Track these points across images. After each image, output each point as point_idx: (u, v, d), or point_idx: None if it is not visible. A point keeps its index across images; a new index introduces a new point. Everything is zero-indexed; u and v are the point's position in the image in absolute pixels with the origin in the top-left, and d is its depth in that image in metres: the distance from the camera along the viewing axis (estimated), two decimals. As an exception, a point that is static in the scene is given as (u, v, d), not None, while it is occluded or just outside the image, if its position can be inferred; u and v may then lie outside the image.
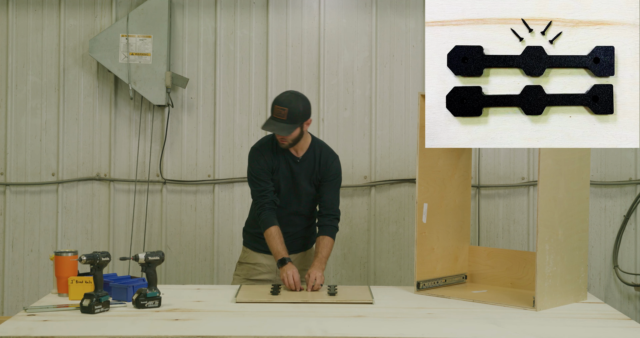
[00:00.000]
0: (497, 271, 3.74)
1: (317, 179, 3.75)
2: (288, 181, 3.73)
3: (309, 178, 3.74)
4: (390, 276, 4.97)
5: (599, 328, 2.93)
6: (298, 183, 3.73)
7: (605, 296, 4.95)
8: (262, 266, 3.82)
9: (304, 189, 3.74)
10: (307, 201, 3.78)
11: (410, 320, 2.99)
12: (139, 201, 4.93)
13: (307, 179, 3.73)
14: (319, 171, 3.74)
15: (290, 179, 3.73)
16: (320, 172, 3.74)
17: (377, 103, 4.96)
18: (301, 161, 3.73)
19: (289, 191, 3.74)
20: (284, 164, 3.72)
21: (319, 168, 3.73)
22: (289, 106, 3.54)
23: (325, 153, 3.77)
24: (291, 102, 3.56)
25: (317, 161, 3.74)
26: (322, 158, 3.74)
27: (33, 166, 4.95)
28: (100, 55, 4.77)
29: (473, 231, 4.92)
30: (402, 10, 4.96)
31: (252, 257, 3.85)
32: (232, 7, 4.95)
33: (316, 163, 3.74)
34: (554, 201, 3.24)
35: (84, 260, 3.08)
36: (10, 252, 4.96)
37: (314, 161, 3.74)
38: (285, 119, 3.54)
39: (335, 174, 3.77)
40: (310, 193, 3.76)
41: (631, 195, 4.96)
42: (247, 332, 2.78)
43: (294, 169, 3.72)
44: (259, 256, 3.83)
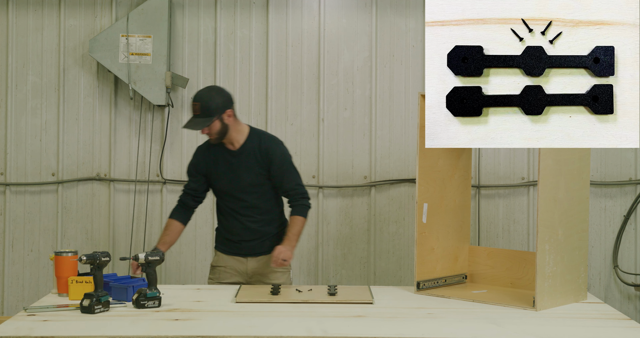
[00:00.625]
0: (497, 271, 3.74)
1: (263, 168, 3.69)
2: (228, 174, 3.70)
3: (253, 169, 3.69)
4: (390, 276, 4.97)
5: (599, 328, 2.93)
6: (239, 175, 3.69)
7: (605, 296, 4.95)
8: (231, 268, 3.80)
9: (248, 181, 3.69)
10: (257, 192, 3.72)
11: (410, 320, 2.99)
12: (139, 201, 4.93)
13: (249, 170, 3.69)
14: (263, 160, 3.68)
15: (230, 173, 3.70)
16: (265, 160, 3.68)
17: (377, 103, 4.96)
18: (239, 154, 3.69)
19: (231, 184, 3.71)
20: (221, 159, 3.71)
21: (262, 156, 3.68)
22: (201, 100, 3.55)
23: (266, 141, 3.72)
24: (203, 97, 3.56)
25: (257, 151, 3.69)
26: (261, 146, 3.69)
27: (33, 166, 4.95)
28: (100, 55, 4.77)
29: (473, 231, 4.92)
30: (402, 10, 4.96)
31: (222, 260, 3.83)
32: (232, 7, 4.95)
33: (257, 152, 3.69)
34: (554, 201, 3.24)
35: (84, 260, 3.08)
36: (10, 252, 4.96)
37: (254, 151, 3.69)
38: (200, 114, 3.54)
39: (282, 158, 3.71)
40: (257, 184, 3.71)
41: (631, 195, 4.96)
42: (247, 332, 2.78)
43: (232, 162, 3.69)
44: (228, 259, 3.82)
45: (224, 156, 3.71)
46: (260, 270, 3.78)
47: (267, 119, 4.93)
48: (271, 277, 3.78)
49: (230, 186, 3.72)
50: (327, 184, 4.95)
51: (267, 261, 3.77)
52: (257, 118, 4.95)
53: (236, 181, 3.71)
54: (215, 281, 3.83)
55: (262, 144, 3.70)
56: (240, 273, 3.79)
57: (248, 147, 3.70)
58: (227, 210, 3.78)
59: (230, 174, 3.71)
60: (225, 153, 3.71)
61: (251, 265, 3.78)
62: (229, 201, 3.76)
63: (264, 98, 4.95)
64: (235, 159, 3.70)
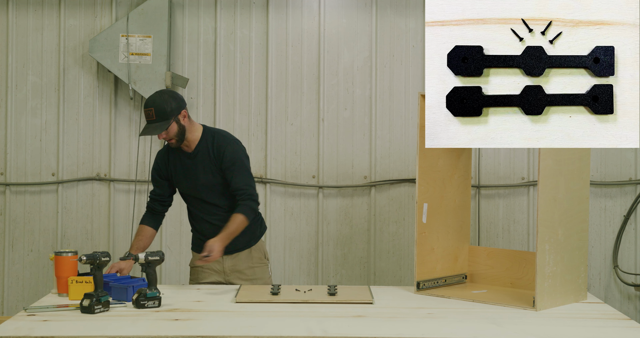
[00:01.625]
0: (497, 271, 3.73)
1: (217, 167, 3.66)
2: (187, 177, 3.70)
3: (208, 169, 3.66)
4: (390, 276, 4.97)
5: (599, 328, 2.93)
6: (197, 177, 3.68)
7: (605, 296, 4.94)
8: (208, 267, 3.78)
9: (205, 181, 3.68)
10: (217, 192, 3.69)
11: (410, 320, 2.99)
12: (139, 201, 4.93)
13: (204, 171, 3.67)
14: (216, 159, 3.66)
15: (187, 175, 3.69)
16: (217, 159, 3.66)
17: (377, 103, 4.96)
18: (194, 155, 3.67)
19: (190, 186, 3.71)
20: (178, 163, 3.71)
21: (214, 155, 3.66)
22: (154, 105, 3.52)
23: (218, 140, 3.68)
24: (155, 101, 3.53)
25: (211, 150, 3.67)
26: (214, 144, 3.67)
27: (33, 166, 4.95)
28: (100, 55, 4.77)
29: (473, 231, 4.92)
30: (402, 10, 4.96)
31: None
32: (232, 7, 4.95)
33: (211, 151, 3.67)
34: (554, 201, 3.24)
35: (84, 260, 3.08)
36: (10, 252, 4.96)
37: (208, 151, 3.67)
38: (156, 119, 3.51)
39: (233, 159, 3.65)
40: (215, 183, 3.68)
41: (631, 195, 4.96)
42: (247, 332, 2.78)
43: (188, 165, 3.68)
44: None
45: (181, 159, 3.70)
46: (237, 267, 3.78)
47: (267, 119, 4.94)
48: (249, 273, 3.77)
49: (190, 188, 3.73)
50: (327, 184, 4.95)
51: (242, 258, 3.77)
52: (257, 118, 4.95)
53: (194, 183, 3.70)
54: (194, 282, 3.83)
55: (214, 143, 3.67)
56: (217, 272, 3.78)
57: (202, 147, 3.68)
58: (194, 211, 3.79)
59: (189, 176, 3.70)
60: (182, 156, 3.70)
61: (228, 263, 3.78)
62: (193, 202, 3.77)
63: (264, 98, 4.95)
64: (191, 160, 3.69)
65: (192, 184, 3.71)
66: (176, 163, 3.72)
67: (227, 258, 3.77)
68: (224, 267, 3.78)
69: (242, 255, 3.78)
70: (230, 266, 3.78)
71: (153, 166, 3.83)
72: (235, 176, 3.64)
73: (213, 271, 3.79)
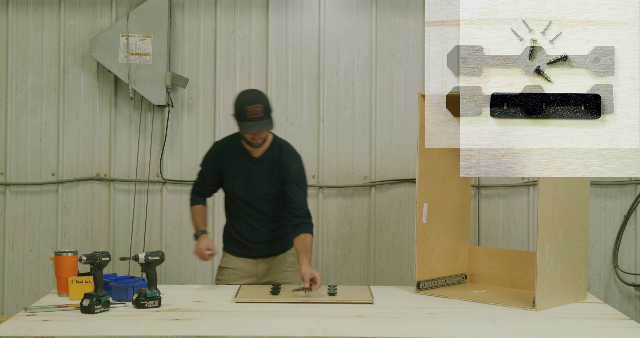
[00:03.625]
0: (497, 271, 3.74)
1: (277, 180, 3.66)
2: (244, 180, 3.68)
3: (268, 179, 3.67)
4: (390, 276, 4.97)
5: (599, 328, 2.93)
6: (255, 183, 3.67)
7: (605, 296, 4.95)
8: (241, 270, 3.79)
9: (262, 190, 3.68)
10: (268, 201, 3.70)
11: (410, 320, 2.99)
12: (139, 201, 4.93)
13: (264, 179, 3.67)
14: (279, 173, 3.65)
15: (247, 178, 3.68)
16: (280, 174, 3.65)
17: (377, 103, 4.96)
18: (259, 161, 3.67)
19: (245, 189, 3.69)
20: (240, 164, 3.68)
21: (278, 169, 3.66)
22: (260, 102, 3.52)
23: (286, 154, 3.69)
24: (260, 98, 3.55)
25: (275, 162, 3.66)
26: (281, 159, 3.67)
27: (33, 166, 4.95)
28: (100, 55, 4.77)
29: (473, 231, 4.92)
30: (402, 10, 4.96)
31: (231, 262, 3.82)
32: (232, 7, 4.95)
33: (275, 164, 3.66)
34: (554, 201, 3.24)
35: (84, 260, 3.08)
36: (10, 252, 4.96)
37: (273, 162, 3.67)
38: (263, 115, 3.51)
39: (297, 176, 3.67)
40: (270, 194, 3.68)
41: (631, 195, 4.96)
42: (247, 332, 2.78)
43: (250, 169, 3.67)
44: (237, 260, 3.81)
45: (243, 160, 3.68)
46: (270, 271, 3.79)
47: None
48: (280, 277, 3.78)
49: (243, 191, 3.70)
50: (327, 184, 4.95)
51: (277, 262, 3.78)
52: (257, 118, 4.95)
53: (251, 188, 3.68)
54: (223, 282, 3.81)
55: (282, 156, 3.67)
56: (250, 275, 3.78)
57: (269, 156, 3.67)
58: (237, 213, 3.76)
59: (247, 180, 3.68)
60: (244, 157, 3.68)
61: (261, 267, 3.78)
62: (240, 203, 3.74)
63: (264, 98, 4.95)
64: (255, 165, 3.67)
65: (248, 189, 3.69)
66: (236, 163, 3.69)
67: (261, 262, 3.78)
68: (257, 270, 3.78)
69: (277, 259, 3.79)
70: (264, 269, 3.78)
71: (208, 157, 3.77)
72: (297, 193, 3.64)
73: (246, 274, 3.79)
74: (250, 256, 3.78)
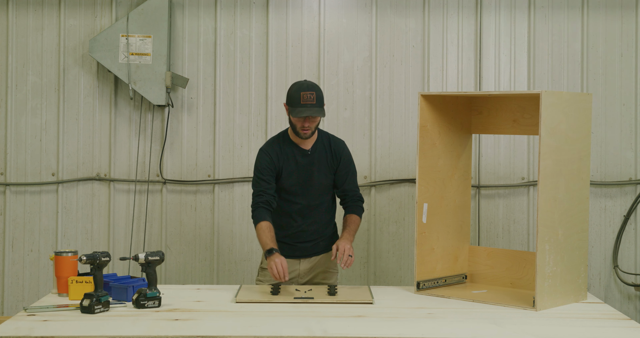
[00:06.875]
0: (497, 271, 3.74)
1: (331, 170, 3.72)
2: (300, 174, 3.67)
3: (323, 169, 3.70)
4: (390, 276, 4.97)
5: (599, 328, 2.94)
6: (311, 175, 3.68)
7: (605, 296, 4.95)
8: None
9: (318, 181, 3.70)
10: (323, 193, 3.73)
11: (410, 320, 2.99)
12: (139, 201, 4.93)
13: (320, 170, 3.69)
14: (333, 160, 3.71)
15: (302, 172, 3.67)
16: (334, 161, 3.72)
17: (377, 103, 4.96)
18: (311, 153, 3.69)
19: (302, 184, 3.68)
20: (292, 159, 3.67)
21: (332, 157, 3.71)
22: (314, 90, 3.57)
23: (335, 141, 3.76)
24: (314, 87, 3.59)
25: (328, 151, 3.71)
26: (332, 146, 3.73)
27: (33, 166, 4.95)
28: (100, 55, 4.77)
29: (473, 231, 4.92)
30: (402, 10, 4.96)
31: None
32: (232, 7, 4.95)
33: (328, 152, 3.71)
34: (554, 201, 3.24)
35: (84, 260, 3.08)
36: (10, 252, 4.96)
37: (325, 151, 3.71)
38: (316, 103, 3.55)
39: (349, 163, 3.76)
40: (325, 185, 3.72)
41: (631, 195, 4.96)
42: (247, 332, 2.79)
43: (304, 162, 3.68)
44: None
45: (295, 155, 3.68)
46: (311, 271, 3.77)
47: (267, 119, 4.93)
48: (320, 277, 3.78)
49: (300, 187, 3.69)
50: (327, 184, 4.95)
51: (319, 262, 3.78)
52: (257, 118, 4.95)
53: (307, 181, 3.68)
54: (265, 282, 3.76)
55: (332, 146, 3.72)
56: (291, 276, 3.74)
57: (319, 147, 3.70)
58: (284, 211, 3.73)
59: (302, 174, 3.68)
60: (296, 152, 3.69)
61: (304, 266, 3.76)
62: (290, 202, 3.70)
63: (264, 98, 4.95)
64: (307, 158, 3.68)
65: (303, 183, 3.69)
66: (289, 159, 3.68)
67: (304, 261, 3.76)
68: (300, 270, 3.76)
69: (319, 259, 3.78)
70: (306, 269, 3.77)
71: (264, 159, 3.68)
72: (350, 178, 3.74)
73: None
74: (294, 256, 3.72)
